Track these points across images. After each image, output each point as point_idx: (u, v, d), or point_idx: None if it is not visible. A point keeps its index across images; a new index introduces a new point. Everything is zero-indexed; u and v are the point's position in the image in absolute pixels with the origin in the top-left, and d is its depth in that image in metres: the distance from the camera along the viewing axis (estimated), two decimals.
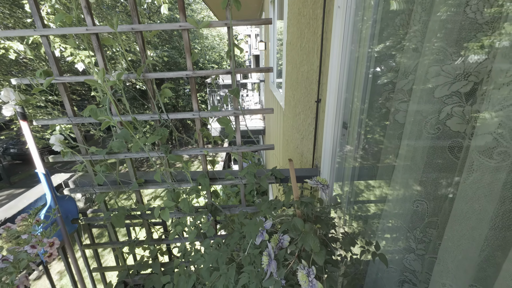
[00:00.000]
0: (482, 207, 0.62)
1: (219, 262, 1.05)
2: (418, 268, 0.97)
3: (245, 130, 1.54)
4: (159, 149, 1.29)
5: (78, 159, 1.30)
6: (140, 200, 1.46)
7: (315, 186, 0.84)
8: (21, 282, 0.74)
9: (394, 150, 0.96)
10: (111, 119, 1.13)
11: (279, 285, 0.78)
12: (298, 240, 0.79)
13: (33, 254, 0.76)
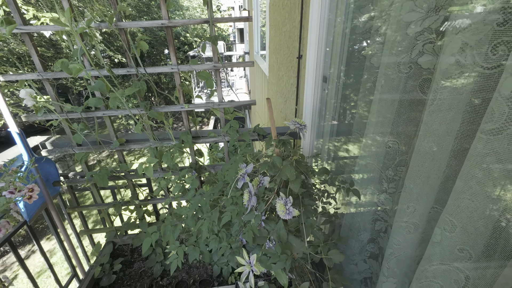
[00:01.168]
0: (443, 131, 0.67)
1: (204, 209, 1.09)
2: (389, 205, 1.04)
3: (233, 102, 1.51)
4: (139, 105, 1.27)
5: (53, 117, 1.25)
6: (123, 160, 1.45)
7: (293, 127, 0.86)
8: (3, 226, 0.74)
9: (370, 93, 0.99)
10: (85, 71, 1.08)
11: (259, 218, 0.83)
12: (277, 176, 0.83)
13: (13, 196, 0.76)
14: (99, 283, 1.44)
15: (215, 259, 1.48)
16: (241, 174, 0.98)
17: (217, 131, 1.47)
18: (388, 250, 0.88)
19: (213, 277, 1.48)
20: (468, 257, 0.60)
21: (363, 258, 1.22)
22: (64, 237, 1.48)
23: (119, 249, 1.67)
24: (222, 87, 1.32)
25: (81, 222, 1.69)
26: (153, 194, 1.66)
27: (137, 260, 1.60)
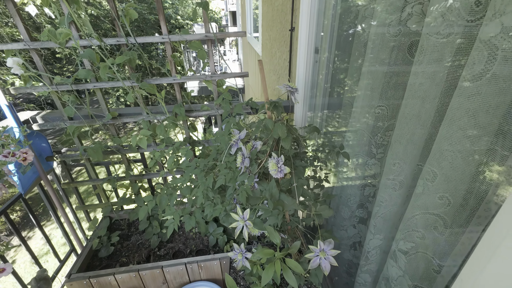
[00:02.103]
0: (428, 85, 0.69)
1: (198, 177, 1.11)
2: (378, 170, 1.09)
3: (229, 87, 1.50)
4: (130, 77, 1.26)
5: (43, 89, 1.23)
6: (116, 135, 1.45)
7: (284, 90, 0.88)
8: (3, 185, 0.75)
9: (361, 57, 1.00)
10: (74, 39, 1.06)
11: (252, 178, 0.86)
12: (269, 138, 0.85)
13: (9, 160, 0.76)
14: (97, 255, 1.48)
15: (211, 230, 1.53)
16: (234, 140, 1.00)
17: (210, 104, 1.47)
18: (375, 209, 0.93)
19: (209, 247, 1.53)
20: (447, 203, 0.64)
21: (353, 224, 1.28)
22: (60, 211, 1.50)
23: (116, 223, 1.70)
24: (215, 63, 1.32)
25: (77, 198, 1.70)
26: (147, 169, 1.68)
27: (134, 234, 1.64)
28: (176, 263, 1.32)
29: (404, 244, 0.78)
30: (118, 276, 1.28)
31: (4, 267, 0.71)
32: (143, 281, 1.33)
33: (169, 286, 1.39)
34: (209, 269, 1.37)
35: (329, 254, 0.73)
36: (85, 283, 1.27)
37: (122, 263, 1.45)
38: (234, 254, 1.01)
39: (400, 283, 0.82)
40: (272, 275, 0.85)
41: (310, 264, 0.74)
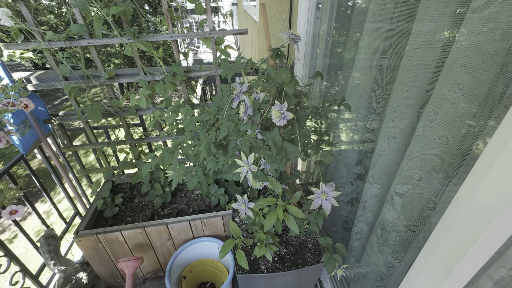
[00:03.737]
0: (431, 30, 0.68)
1: (200, 134, 1.12)
2: (377, 125, 1.10)
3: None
4: (126, 33, 1.21)
5: (32, 45, 1.18)
6: (113, 96, 1.43)
7: (287, 38, 0.86)
8: (2, 137, 0.75)
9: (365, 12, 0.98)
10: None
11: (255, 128, 0.87)
12: (271, 86, 0.85)
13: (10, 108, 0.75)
14: (102, 215, 1.52)
15: (212, 191, 1.57)
16: (236, 94, 0.99)
17: (209, 65, 1.44)
18: (374, 159, 0.96)
19: (211, 207, 1.59)
20: (446, 142, 0.67)
21: (350, 181, 1.32)
22: (62, 174, 1.51)
23: (118, 187, 1.73)
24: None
25: (77, 162, 1.71)
26: (147, 133, 1.68)
27: (137, 196, 1.68)
28: (180, 220, 1.37)
29: (401, 187, 0.82)
30: (125, 232, 1.33)
31: (16, 209, 0.73)
32: (149, 237, 1.39)
33: (174, 242, 1.45)
34: (212, 225, 1.43)
35: (330, 195, 0.76)
36: (92, 239, 1.32)
37: (127, 222, 1.50)
38: (237, 205, 1.05)
39: (396, 225, 0.87)
40: (275, 221, 0.89)
41: (312, 205, 0.78)
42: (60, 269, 1.40)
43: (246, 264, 0.94)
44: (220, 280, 1.52)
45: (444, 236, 0.52)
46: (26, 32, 1.15)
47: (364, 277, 1.16)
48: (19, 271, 1.29)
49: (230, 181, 1.64)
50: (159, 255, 1.50)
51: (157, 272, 1.59)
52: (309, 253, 1.14)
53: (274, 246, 1.02)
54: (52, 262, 1.35)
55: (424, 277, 0.60)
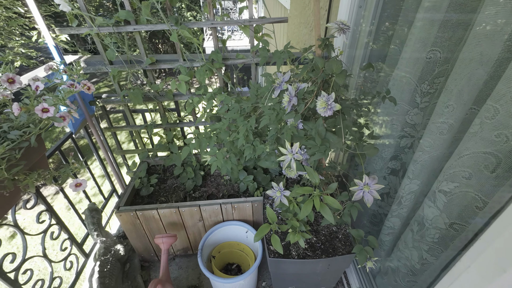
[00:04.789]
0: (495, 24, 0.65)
1: (238, 121, 1.15)
2: (419, 121, 1.07)
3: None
4: (169, 20, 1.24)
5: (84, 30, 1.25)
6: (153, 81, 1.49)
7: (335, 28, 0.85)
8: (66, 115, 0.82)
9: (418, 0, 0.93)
10: None
11: (299, 117, 0.88)
12: (318, 77, 0.85)
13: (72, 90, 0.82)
14: (139, 193, 1.62)
15: (241, 178, 1.61)
16: (278, 83, 1.00)
17: (246, 54, 1.45)
18: (416, 155, 0.94)
19: (240, 193, 1.64)
20: (504, 140, 0.65)
21: (383, 175, 1.31)
22: (103, 152, 1.62)
23: (152, 168, 1.82)
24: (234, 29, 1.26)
25: (115, 143, 1.82)
26: (180, 118, 1.74)
27: (169, 178, 1.76)
28: (212, 203, 1.44)
29: (446, 184, 0.80)
30: (161, 211, 1.42)
31: (80, 182, 0.80)
32: (182, 216, 1.47)
33: (204, 223, 1.52)
34: (241, 210, 1.48)
35: (372, 188, 0.77)
36: (132, 214, 1.42)
37: (161, 202, 1.59)
38: (272, 192, 1.08)
39: (436, 222, 0.86)
40: (310, 209, 0.91)
41: (354, 196, 0.79)
42: (102, 240, 1.52)
43: (281, 248, 0.97)
44: (246, 262, 1.59)
45: (501, 235, 0.52)
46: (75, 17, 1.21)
47: (394, 271, 1.16)
48: (67, 239, 1.42)
49: (258, 169, 1.67)
50: (190, 235, 1.58)
51: (186, 250, 1.68)
52: (339, 243, 1.16)
53: (306, 233, 1.05)
54: (95, 233, 1.48)
55: (471, 275, 0.60)
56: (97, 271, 1.39)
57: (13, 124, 0.74)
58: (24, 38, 5.95)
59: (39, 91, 0.78)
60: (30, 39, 5.92)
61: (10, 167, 0.69)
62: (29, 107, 0.70)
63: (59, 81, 0.87)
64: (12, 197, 0.80)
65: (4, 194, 0.73)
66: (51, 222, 1.30)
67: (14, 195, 0.80)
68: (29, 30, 5.76)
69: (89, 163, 5.37)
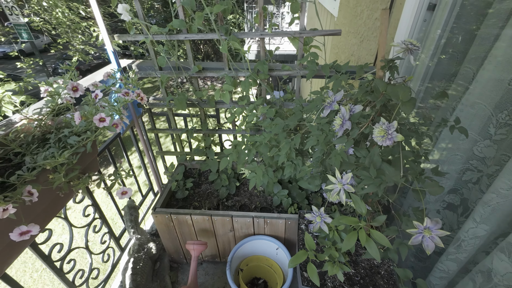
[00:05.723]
0: None
1: (280, 136, 1.11)
2: (490, 154, 0.93)
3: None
4: (219, 29, 1.25)
5: (140, 38, 1.31)
6: (198, 88, 1.51)
7: (402, 48, 0.76)
8: (119, 122, 0.84)
9: (503, 15, 0.81)
10: None
11: (351, 143, 0.81)
12: (377, 101, 0.77)
13: (127, 98, 0.85)
14: (174, 196, 1.66)
15: (275, 191, 1.57)
16: (329, 102, 0.94)
17: (293, 65, 1.41)
18: (488, 196, 0.81)
19: (273, 207, 1.59)
20: None
21: (437, 208, 1.17)
22: (146, 153, 1.69)
23: (188, 172, 1.86)
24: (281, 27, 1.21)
25: (157, 144, 1.89)
26: (219, 125, 1.75)
27: (204, 183, 1.78)
28: (244, 215, 1.41)
29: None
30: (194, 217, 1.43)
31: (126, 190, 0.83)
32: (214, 225, 1.46)
33: (235, 234, 1.50)
34: (273, 226, 1.43)
35: (435, 233, 0.67)
36: (166, 217, 1.45)
37: (195, 207, 1.61)
38: (312, 216, 1.01)
39: (509, 279, 0.73)
40: (354, 242, 0.83)
41: (411, 240, 0.70)
42: (137, 236, 1.58)
43: (318, 279, 0.91)
44: (273, 278, 1.53)
45: None
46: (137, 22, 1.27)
47: None
48: (107, 233, 1.50)
49: (294, 183, 1.61)
50: (219, 243, 1.58)
51: (214, 257, 1.68)
52: (382, 280, 1.06)
53: (345, 266, 0.97)
54: (132, 230, 1.54)
55: None
56: (130, 267, 1.45)
57: (73, 129, 0.79)
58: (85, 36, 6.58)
59: (97, 100, 0.81)
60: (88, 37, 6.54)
61: (67, 171, 0.73)
62: (87, 116, 0.74)
63: (115, 88, 0.91)
64: (66, 196, 0.84)
65: (60, 195, 0.77)
66: (95, 216, 1.38)
67: (68, 194, 0.85)
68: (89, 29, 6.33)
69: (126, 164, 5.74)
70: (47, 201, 0.73)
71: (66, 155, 0.65)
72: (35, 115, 0.85)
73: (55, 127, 0.83)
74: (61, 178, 0.67)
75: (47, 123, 0.86)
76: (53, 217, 0.82)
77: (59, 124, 0.86)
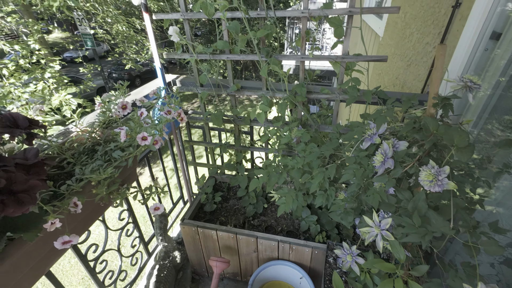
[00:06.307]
0: None
1: (314, 164, 1.07)
2: None
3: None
4: (261, 51, 1.27)
5: (185, 56, 1.38)
6: (235, 106, 1.54)
7: (460, 85, 0.69)
8: (159, 140, 0.89)
9: None
10: (222, 12, 1.12)
11: (392, 183, 0.74)
12: (427, 142, 0.70)
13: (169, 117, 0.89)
14: (203, 208, 1.69)
15: (304, 216, 1.51)
16: (370, 134, 0.89)
17: (332, 88, 1.37)
18: None
19: (300, 231, 1.53)
20: None
21: (491, 262, 1.02)
22: (179, 160, 1.75)
23: (218, 185, 1.88)
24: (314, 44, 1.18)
25: (191, 155, 1.96)
26: (252, 142, 1.76)
27: (232, 198, 1.79)
28: (270, 237, 1.37)
29: None
30: (219, 233, 1.43)
31: (159, 207, 0.86)
32: (238, 243, 1.45)
33: (258, 256, 1.47)
34: (299, 253, 1.37)
35: None
36: (193, 229, 1.47)
37: (221, 222, 1.61)
38: (342, 254, 0.95)
39: None
40: None
41: None
42: (164, 244, 1.63)
43: None
44: None
45: None
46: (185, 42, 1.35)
47: None
48: (137, 237, 1.57)
49: (324, 210, 1.54)
50: (242, 262, 1.55)
51: (235, 275, 1.66)
52: None
53: None
54: (161, 237, 1.59)
55: None
56: (155, 274, 1.49)
57: (118, 144, 0.84)
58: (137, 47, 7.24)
59: (142, 118, 0.87)
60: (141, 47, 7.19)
61: (108, 184, 0.78)
62: (132, 134, 0.79)
63: (159, 106, 0.96)
64: (106, 206, 0.90)
65: (101, 205, 0.82)
66: (129, 220, 1.46)
67: (107, 204, 0.90)
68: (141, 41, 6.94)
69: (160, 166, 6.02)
70: (88, 209, 0.78)
71: (109, 171, 0.69)
72: (88, 127, 0.93)
73: (103, 140, 0.90)
74: (103, 192, 0.72)
75: (97, 135, 0.94)
76: (92, 224, 0.88)
77: (107, 136, 0.93)
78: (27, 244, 0.61)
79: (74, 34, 21.18)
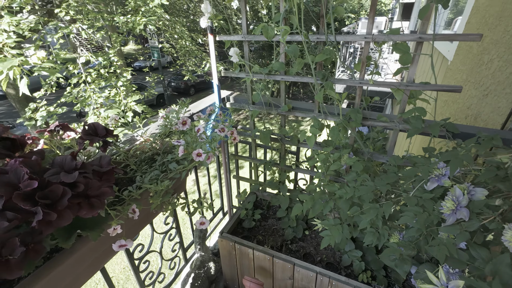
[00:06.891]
0: None
1: (365, 197, 0.99)
2: None
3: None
4: (316, 74, 1.25)
5: (242, 75, 1.44)
6: (284, 125, 1.54)
7: None
8: (211, 155, 0.92)
9: None
10: (282, 36, 1.14)
11: (465, 237, 0.64)
12: None
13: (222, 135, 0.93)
14: (241, 223, 1.69)
15: (346, 249, 1.40)
16: (436, 175, 0.79)
17: (390, 116, 1.28)
18: None
19: (341, 265, 1.42)
20: None
21: None
22: (224, 175, 1.80)
23: (258, 202, 1.87)
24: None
25: (236, 169, 2.00)
26: (297, 163, 1.72)
27: (271, 217, 1.76)
28: (308, 267, 1.30)
29: None
30: (256, 253, 1.41)
31: (204, 221, 0.89)
32: (274, 266, 1.40)
33: (293, 284, 1.40)
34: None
35: None
36: (230, 244, 1.48)
37: (258, 240, 1.59)
38: None
39: None
40: None
41: None
42: (201, 254, 1.67)
43: None
44: None
45: None
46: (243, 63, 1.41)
47: None
48: (178, 242, 1.64)
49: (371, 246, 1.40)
50: (275, 287, 1.49)
51: None
52: None
53: None
54: (199, 246, 1.63)
55: None
56: (190, 282, 1.52)
57: (175, 156, 0.90)
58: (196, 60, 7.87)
59: (199, 134, 0.92)
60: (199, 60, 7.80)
61: (162, 194, 0.83)
62: (189, 150, 0.83)
63: (213, 123, 1.01)
64: (156, 212, 0.96)
65: (153, 212, 0.88)
66: (173, 226, 1.53)
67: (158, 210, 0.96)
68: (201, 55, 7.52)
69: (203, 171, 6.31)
70: (141, 215, 0.84)
71: (166, 184, 0.74)
72: (151, 138, 1.01)
73: (162, 150, 0.97)
74: (158, 201, 0.77)
75: (157, 145, 1.02)
76: (143, 228, 0.95)
77: (166, 148, 1.00)
78: (90, 242, 0.68)
79: (144, 46, 24.04)
